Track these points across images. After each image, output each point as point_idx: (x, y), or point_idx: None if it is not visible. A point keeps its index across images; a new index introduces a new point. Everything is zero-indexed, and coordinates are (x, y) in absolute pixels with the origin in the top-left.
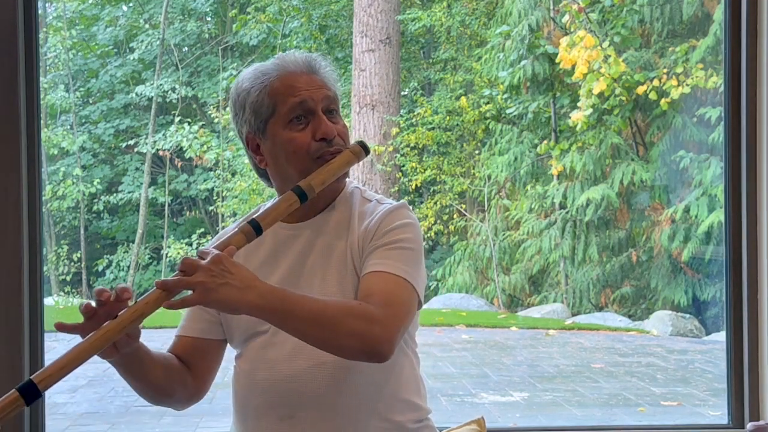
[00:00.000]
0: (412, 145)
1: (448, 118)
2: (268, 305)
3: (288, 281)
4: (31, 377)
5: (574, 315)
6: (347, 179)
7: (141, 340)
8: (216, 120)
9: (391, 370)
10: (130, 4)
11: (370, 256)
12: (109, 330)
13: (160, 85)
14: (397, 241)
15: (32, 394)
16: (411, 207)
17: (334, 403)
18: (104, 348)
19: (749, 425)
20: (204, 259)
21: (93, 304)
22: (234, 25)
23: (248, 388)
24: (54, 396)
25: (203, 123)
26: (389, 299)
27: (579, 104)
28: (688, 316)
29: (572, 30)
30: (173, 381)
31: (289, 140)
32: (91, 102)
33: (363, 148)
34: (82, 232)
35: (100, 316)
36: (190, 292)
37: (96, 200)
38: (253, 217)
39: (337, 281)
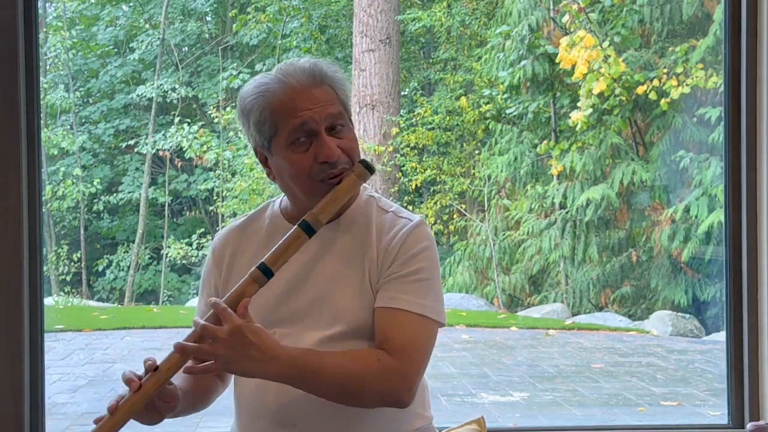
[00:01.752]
0: (412, 145)
1: (448, 118)
2: (290, 374)
3: (291, 290)
4: None
5: (574, 315)
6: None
7: (143, 342)
8: (216, 120)
9: None
10: (131, 4)
11: (387, 286)
12: (135, 402)
13: (160, 85)
14: (415, 272)
15: None
16: (411, 208)
17: (336, 413)
18: (131, 418)
19: (749, 425)
20: (221, 324)
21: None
22: (234, 25)
23: (250, 395)
24: (54, 396)
25: (203, 123)
26: (409, 345)
27: (579, 104)
28: (688, 316)
29: (572, 30)
30: (207, 396)
31: (291, 163)
32: (91, 102)
33: (367, 169)
34: (82, 232)
35: None
36: None
37: (96, 200)
38: (263, 260)
39: (356, 303)
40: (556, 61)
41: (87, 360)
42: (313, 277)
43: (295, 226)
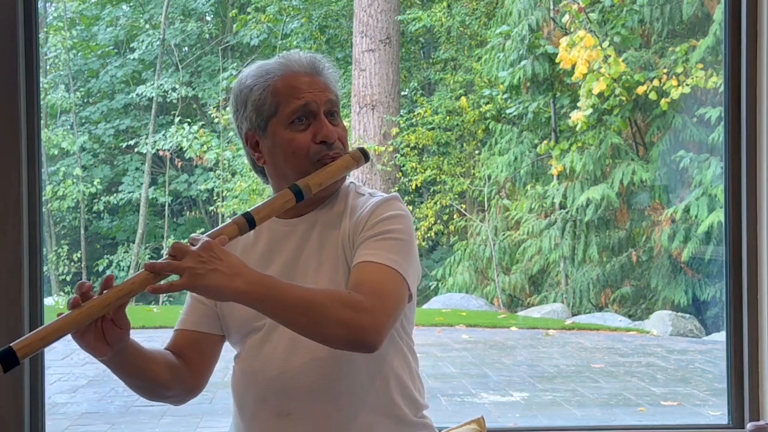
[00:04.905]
0: (412, 145)
1: (448, 118)
2: (255, 292)
3: (283, 277)
4: (10, 344)
5: (574, 315)
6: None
7: (142, 342)
8: (216, 120)
9: (388, 366)
10: (131, 4)
11: (360, 246)
12: (93, 306)
13: (161, 85)
14: (387, 231)
15: (10, 362)
16: (412, 209)
17: (330, 399)
18: (86, 322)
19: (749, 425)
20: (194, 246)
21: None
22: (234, 26)
23: (245, 386)
24: (54, 396)
25: (203, 123)
26: (378, 289)
27: (579, 104)
28: (688, 316)
29: (572, 30)
30: (169, 374)
31: (289, 141)
32: (91, 102)
33: (363, 155)
34: (82, 232)
35: None
36: (178, 277)
37: (96, 200)
38: (248, 210)
39: (330, 274)
40: (556, 61)
41: (87, 360)
42: (300, 261)
43: (286, 187)
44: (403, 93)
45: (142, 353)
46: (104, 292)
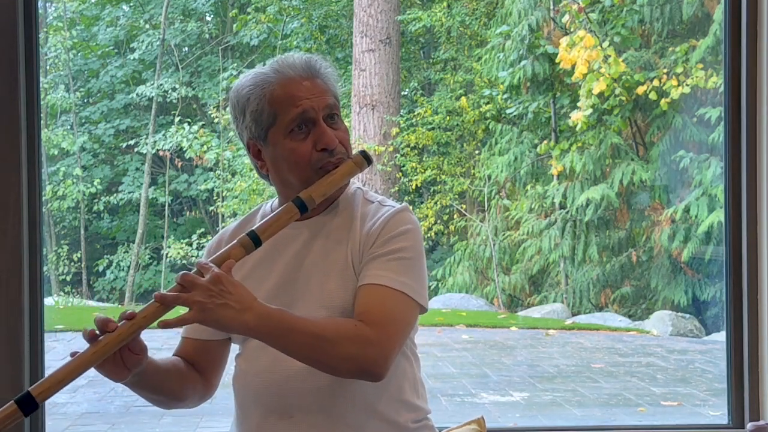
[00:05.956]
0: (412, 145)
1: (448, 118)
2: (264, 327)
3: (284, 281)
4: (29, 389)
5: (574, 315)
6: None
7: (145, 342)
8: (216, 120)
9: (390, 372)
10: (131, 4)
11: (369, 265)
12: (108, 343)
13: (161, 85)
14: (396, 251)
15: (30, 406)
16: (412, 209)
17: (332, 403)
18: (101, 360)
19: (749, 425)
20: (203, 275)
21: (96, 330)
22: (234, 26)
23: (247, 388)
24: (54, 396)
25: (203, 123)
26: (386, 318)
27: (579, 104)
28: (688, 316)
29: (572, 30)
30: (184, 386)
31: (290, 150)
32: (91, 102)
33: (365, 159)
34: (82, 232)
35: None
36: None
37: (96, 200)
38: (253, 228)
39: (340, 286)
40: (556, 61)
41: None
42: (303, 266)
43: (290, 201)
44: (403, 93)
45: (158, 369)
46: (120, 323)
